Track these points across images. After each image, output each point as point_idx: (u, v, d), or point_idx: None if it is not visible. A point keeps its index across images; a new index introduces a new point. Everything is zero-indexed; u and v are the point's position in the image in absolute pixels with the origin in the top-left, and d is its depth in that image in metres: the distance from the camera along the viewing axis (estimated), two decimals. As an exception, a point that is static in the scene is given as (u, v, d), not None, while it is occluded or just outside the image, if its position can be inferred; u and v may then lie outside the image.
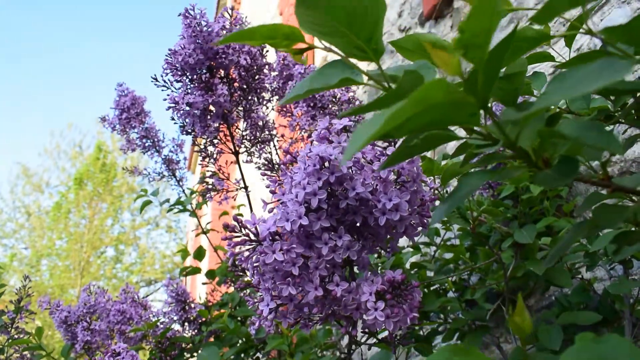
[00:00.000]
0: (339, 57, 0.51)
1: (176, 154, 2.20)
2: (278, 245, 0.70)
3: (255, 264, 0.73)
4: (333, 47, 0.49)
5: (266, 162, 0.86)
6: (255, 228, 0.73)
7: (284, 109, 1.78)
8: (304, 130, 1.63)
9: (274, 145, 1.83)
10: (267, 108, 1.76)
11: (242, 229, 0.73)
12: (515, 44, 0.48)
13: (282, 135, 1.83)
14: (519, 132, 0.40)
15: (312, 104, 1.61)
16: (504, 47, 0.39)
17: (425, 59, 0.58)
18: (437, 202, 1.30)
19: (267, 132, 1.74)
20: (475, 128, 0.42)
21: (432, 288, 1.59)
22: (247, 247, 0.74)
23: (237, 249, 0.75)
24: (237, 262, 0.73)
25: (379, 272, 0.76)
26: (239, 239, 0.73)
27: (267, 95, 1.74)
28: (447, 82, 0.36)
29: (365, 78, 0.50)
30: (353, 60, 0.52)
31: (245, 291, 2.00)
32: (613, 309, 1.33)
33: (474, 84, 0.38)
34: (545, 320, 1.34)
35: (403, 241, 2.16)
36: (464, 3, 2.61)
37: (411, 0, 3.16)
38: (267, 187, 0.82)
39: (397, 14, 3.34)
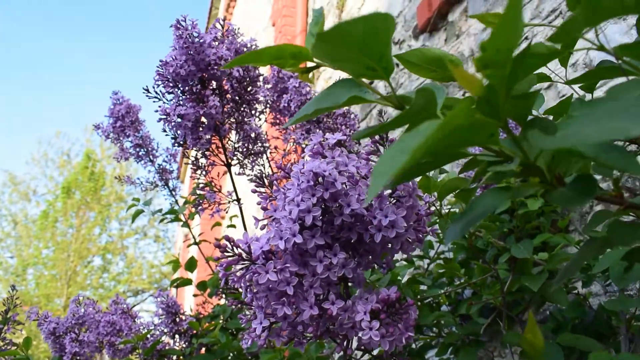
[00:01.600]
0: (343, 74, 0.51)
1: (169, 164, 2.18)
2: (272, 265, 0.69)
3: (248, 284, 0.72)
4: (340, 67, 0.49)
5: (257, 177, 0.85)
6: (248, 247, 0.71)
7: (278, 122, 1.77)
8: (297, 144, 1.62)
9: (267, 158, 1.82)
10: (260, 120, 1.75)
11: (235, 248, 0.71)
12: (527, 61, 0.48)
13: (275, 147, 1.82)
14: (540, 152, 0.40)
15: (307, 118, 1.60)
16: (519, 64, 0.38)
17: (431, 72, 0.57)
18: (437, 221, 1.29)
19: (259, 144, 1.73)
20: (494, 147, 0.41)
21: (425, 302, 1.58)
22: (240, 266, 0.72)
23: (229, 269, 0.73)
24: (229, 283, 0.71)
25: (374, 289, 0.75)
26: (231, 259, 0.71)
27: (260, 107, 1.73)
28: (471, 104, 0.35)
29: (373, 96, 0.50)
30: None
31: (229, 299, 1.98)
32: (608, 324, 1.32)
33: (494, 104, 0.37)
34: (540, 335, 1.33)
35: (396, 254, 2.15)
36: (459, 16, 2.62)
37: (405, 13, 3.17)
38: (259, 203, 0.81)
39: (390, 27, 3.35)
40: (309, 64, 0.54)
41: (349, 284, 0.77)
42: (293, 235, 0.68)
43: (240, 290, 0.75)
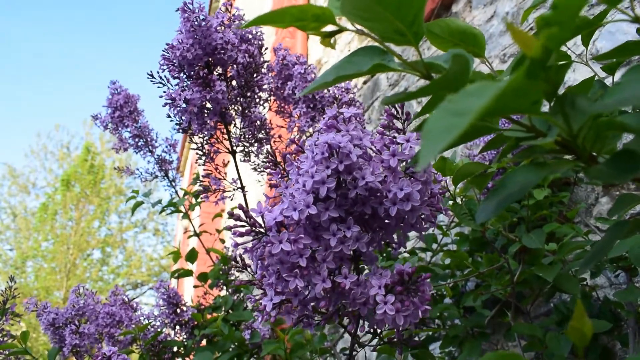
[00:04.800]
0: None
1: (169, 154, 2.16)
2: (285, 235, 0.67)
3: (259, 257, 0.70)
4: (366, 30, 0.46)
5: (269, 155, 0.83)
6: (262, 217, 0.70)
7: (282, 110, 1.74)
8: (302, 132, 1.60)
9: (271, 146, 1.80)
10: (264, 108, 1.73)
11: (248, 219, 0.70)
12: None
13: (280, 137, 1.80)
14: (584, 122, 0.37)
15: (312, 105, 1.58)
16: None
17: (455, 46, 0.55)
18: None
19: (264, 132, 1.71)
20: (518, 119, 0.39)
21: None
22: (252, 237, 0.71)
23: (241, 240, 0.72)
24: (241, 254, 0.70)
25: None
26: (244, 229, 0.70)
27: (264, 95, 1.70)
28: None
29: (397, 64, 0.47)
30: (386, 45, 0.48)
31: (238, 294, 1.96)
32: (614, 316, 1.31)
33: (546, 68, 0.35)
34: (545, 328, 1.31)
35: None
36: (463, 7, 2.60)
37: (408, 4, 3.15)
38: (270, 180, 0.79)
39: (393, 18, 3.32)
40: (330, 28, 0.51)
41: (360, 262, 0.76)
42: (307, 207, 0.67)
43: (249, 268, 0.73)
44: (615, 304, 1.29)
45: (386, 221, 0.72)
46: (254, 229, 0.70)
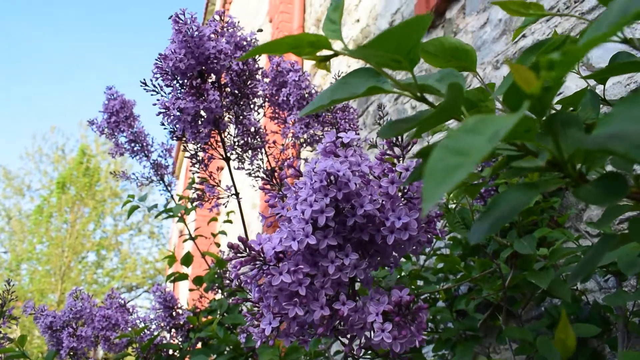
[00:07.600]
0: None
1: (165, 159, 2.17)
2: (285, 267, 0.67)
3: (259, 284, 0.70)
4: (361, 56, 0.48)
5: (267, 174, 0.83)
6: (261, 248, 0.70)
7: (277, 116, 1.76)
8: (296, 138, 1.61)
9: (265, 152, 1.81)
10: (259, 114, 1.74)
11: (247, 249, 0.70)
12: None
13: (274, 142, 1.81)
14: (576, 149, 0.39)
15: (306, 112, 1.59)
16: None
17: (447, 62, 0.57)
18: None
19: (258, 139, 1.72)
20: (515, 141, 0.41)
21: (421, 298, 1.58)
22: (252, 266, 0.71)
23: (241, 270, 0.72)
24: (242, 284, 0.70)
25: (381, 287, 0.74)
26: (244, 260, 0.70)
27: (258, 101, 1.72)
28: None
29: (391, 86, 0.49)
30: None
31: (233, 298, 1.97)
32: (603, 320, 1.33)
33: (544, 102, 0.37)
34: (536, 331, 1.33)
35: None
36: (456, 14, 2.62)
37: (403, 10, 3.17)
38: (267, 201, 0.79)
39: (388, 24, 3.35)
40: (325, 52, 0.52)
41: (356, 284, 0.76)
42: (306, 236, 0.67)
43: (245, 288, 0.74)
44: (604, 308, 1.31)
45: (383, 246, 0.72)
46: (255, 259, 0.69)
